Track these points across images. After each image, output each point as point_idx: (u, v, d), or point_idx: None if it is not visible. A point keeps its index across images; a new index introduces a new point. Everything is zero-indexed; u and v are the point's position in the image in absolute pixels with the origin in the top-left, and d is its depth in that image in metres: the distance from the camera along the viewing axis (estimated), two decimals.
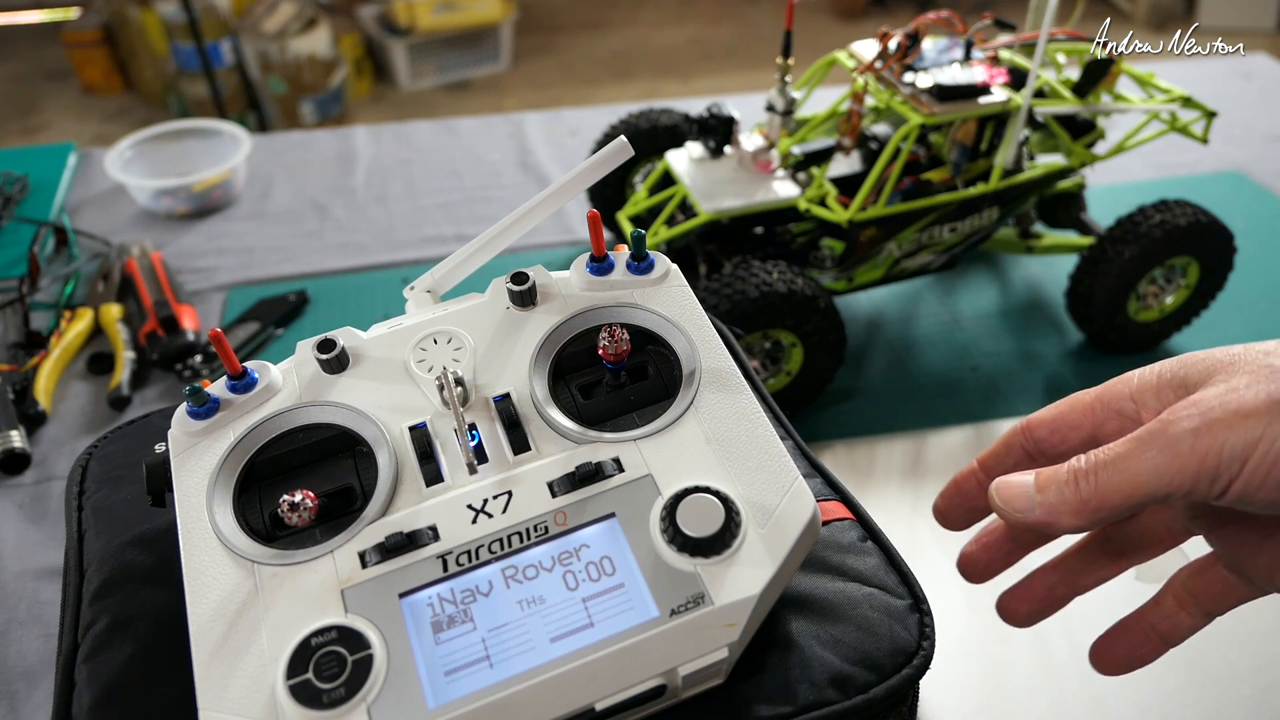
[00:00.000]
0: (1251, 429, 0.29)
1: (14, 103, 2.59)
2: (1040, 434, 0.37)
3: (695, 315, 0.39)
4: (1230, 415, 0.30)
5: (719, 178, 0.69)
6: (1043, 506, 0.32)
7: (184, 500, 0.35)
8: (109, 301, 0.77)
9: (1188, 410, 0.30)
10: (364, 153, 1.02)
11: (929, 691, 0.51)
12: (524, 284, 0.40)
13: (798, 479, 0.35)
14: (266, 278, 0.84)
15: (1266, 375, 0.30)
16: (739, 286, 0.61)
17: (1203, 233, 0.69)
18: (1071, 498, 0.32)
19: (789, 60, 0.68)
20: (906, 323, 0.79)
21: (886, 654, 0.35)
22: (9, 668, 0.53)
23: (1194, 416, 0.30)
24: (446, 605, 0.32)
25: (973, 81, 0.65)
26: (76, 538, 0.42)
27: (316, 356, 0.38)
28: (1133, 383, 0.35)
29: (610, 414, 0.38)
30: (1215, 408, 0.30)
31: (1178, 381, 0.33)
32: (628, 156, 0.39)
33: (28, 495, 0.64)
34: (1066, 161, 0.72)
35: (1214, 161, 1.00)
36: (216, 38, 2.29)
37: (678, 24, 3.12)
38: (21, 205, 0.90)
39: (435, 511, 0.34)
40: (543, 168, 0.99)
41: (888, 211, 0.66)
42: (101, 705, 0.35)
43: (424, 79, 2.73)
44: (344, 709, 0.30)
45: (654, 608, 0.32)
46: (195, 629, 0.32)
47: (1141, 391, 0.34)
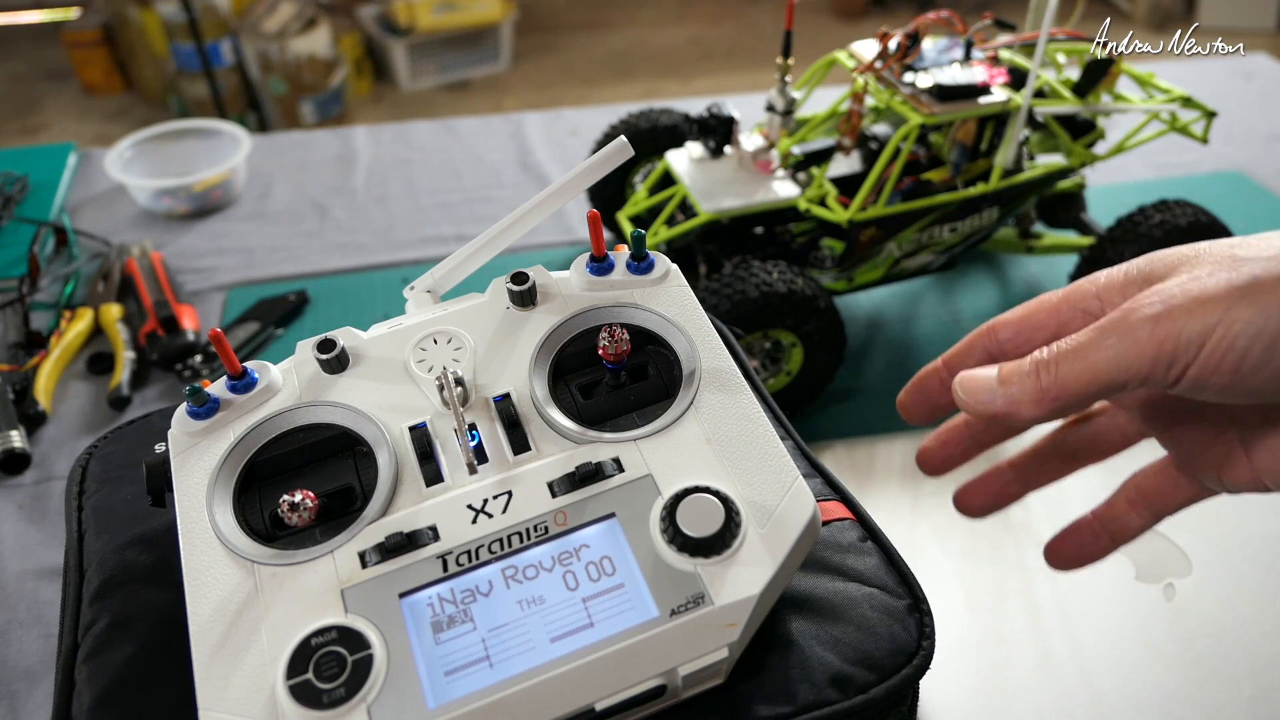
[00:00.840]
0: (1210, 314, 0.29)
1: (14, 103, 2.59)
2: (1004, 335, 0.37)
3: (695, 315, 0.39)
4: (1190, 301, 0.30)
5: (719, 178, 0.69)
6: (1004, 398, 0.32)
7: (184, 500, 0.35)
8: (109, 301, 0.77)
9: (1149, 298, 0.30)
10: (364, 153, 1.02)
11: (929, 691, 0.51)
12: (524, 284, 0.40)
13: (798, 479, 0.35)
14: (266, 278, 0.84)
15: (1229, 264, 0.30)
16: (739, 286, 0.61)
17: (1203, 233, 0.69)
18: (1032, 388, 0.32)
19: (789, 60, 0.68)
20: (906, 323, 0.79)
21: (886, 654, 0.35)
22: (9, 668, 0.53)
23: (1155, 304, 0.30)
24: (446, 605, 0.32)
25: (973, 81, 0.65)
26: (76, 538, 0.42)
27: (316, 356, 0.38)
28: (1099, 281, 0.35)
29: (610, 414, 0.38)
30: (1176, 295, 0.30)
31: (1143, 277, 0.33)
32: (628, 156, 0.39)
33: (28, 495, 0.64)
34: (1066, 161, 0.72)
35: (1214, 161, 1.00)
36: (216, 38, 2.29)
37: (678, 24, 3.12)
38: (21, 205, 0.90)
39: (435, 511, 0.34)
40: (543, 168, 0.99)
41: (888, 211, 0.66)
42: (101, 705, 0.35)
43: (424, 79, 2.73)
44: (344, 709, 0.30)
45: (654, 608, 0.32)
46: (195, 629, 0.32)
47: (1108, 289, 0.34)
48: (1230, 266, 0.30)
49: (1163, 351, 0.29)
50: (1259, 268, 0.29)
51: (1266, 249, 0.30)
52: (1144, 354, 0.30)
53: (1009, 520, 0.61)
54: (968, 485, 0.40)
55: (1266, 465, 0.33)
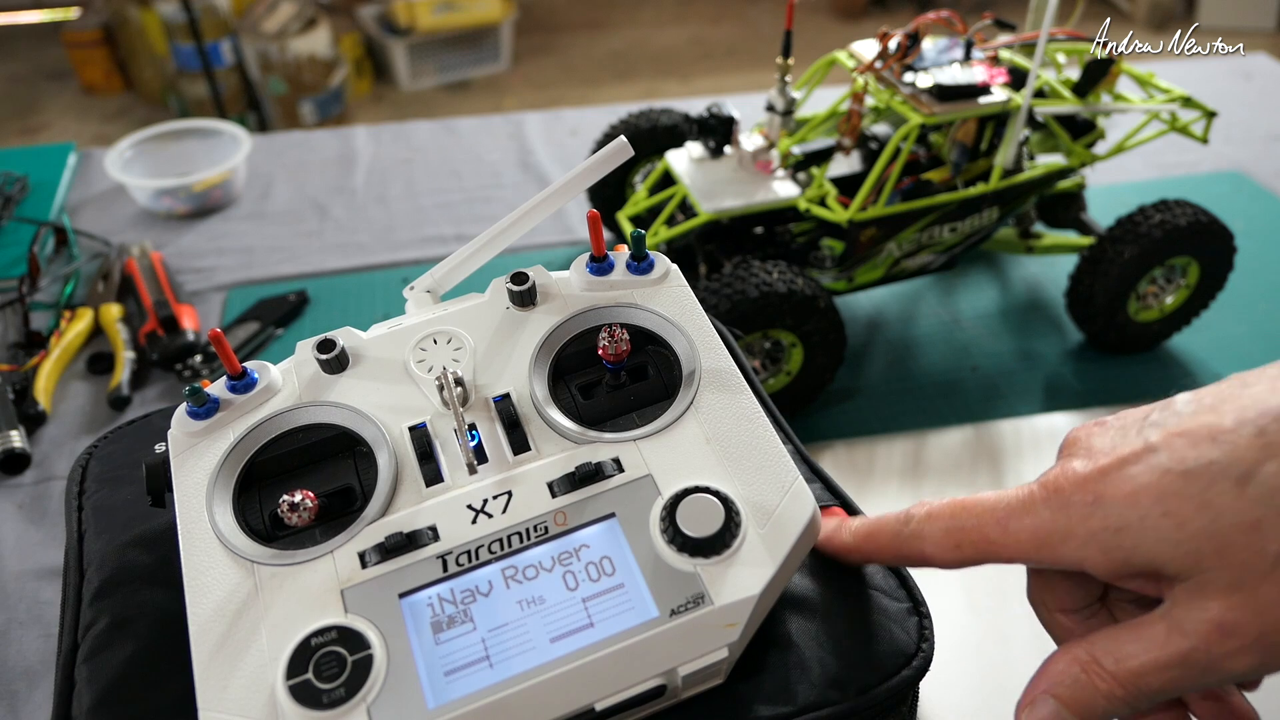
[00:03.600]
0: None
1: (14, 103, 2.59)
2: None
3: (695, 315, 0.39)
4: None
5: (719, 178, 0.69)
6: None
7: (184, 500, 0.35)
8: (109, 301, 0.77)
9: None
10: (364, 153, 1.02)
11: (929, 691, 0.51)
12: (524, 284, 0.40)
13: (797, 479, 0.35)
14: (266, 278, 0.84)
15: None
16: (739, 286, 0.61)
17: (1203, 233, 0.69)
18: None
19: (789, 60, 0.68)
20: (906, 323, 0.79)
21: (886, 656, 0.35)
22: (9, 668, 0.53)
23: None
24: (446, 605, 0.32)
25: (973, 81, 0.65)
26: (76, 538, 0.42)
27: (316, 356, 0.38)
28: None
29: (610, 414, 0.38)
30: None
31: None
32: (628, 156, 0.39)
33: (28, 495, 0.64)
34: (1066, 161, 0.72)
35: (1214, 161, 1.00)
36: (216, 38, 2.29)
37: (678, 24, 3.12)
38: (21, 205, 0.90)
39: (435, 512, 0.34)
40: (543, 168, 0.99)
41: (888, 211, 0.66)
42: (101, 705, 0.35)
43: (424, 79, 2.73)
44: (344, 709, 0.30)
45: (654, 608, 0.32)
46: (195, 629, 0.32)
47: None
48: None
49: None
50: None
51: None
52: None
53: None
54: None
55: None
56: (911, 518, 0.34)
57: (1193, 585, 0.28)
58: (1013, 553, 0.31)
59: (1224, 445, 0.28)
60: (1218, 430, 0.28)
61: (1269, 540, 0.27)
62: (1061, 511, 0.30)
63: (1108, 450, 0.30)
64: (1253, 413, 0.28)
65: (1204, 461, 0.28)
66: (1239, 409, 0.28)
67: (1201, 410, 0.29)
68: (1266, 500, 0.27)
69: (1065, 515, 0.30)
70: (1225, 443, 0.28)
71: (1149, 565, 0.29)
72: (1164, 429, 0.29)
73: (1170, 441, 0.29)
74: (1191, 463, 0.28)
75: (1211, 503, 0.27)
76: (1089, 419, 0.68)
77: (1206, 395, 0.29)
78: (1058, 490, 0.30)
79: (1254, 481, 0.27)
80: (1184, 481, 0.28)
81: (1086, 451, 0.31)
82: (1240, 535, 0.27)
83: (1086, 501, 0.29)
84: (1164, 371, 0.74)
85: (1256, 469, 0.27)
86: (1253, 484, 0.27)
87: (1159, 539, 0.28)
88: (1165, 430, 0.29)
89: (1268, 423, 0.27)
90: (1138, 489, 0.28)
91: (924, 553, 0.33)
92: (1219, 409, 0.28)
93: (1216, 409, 0.29)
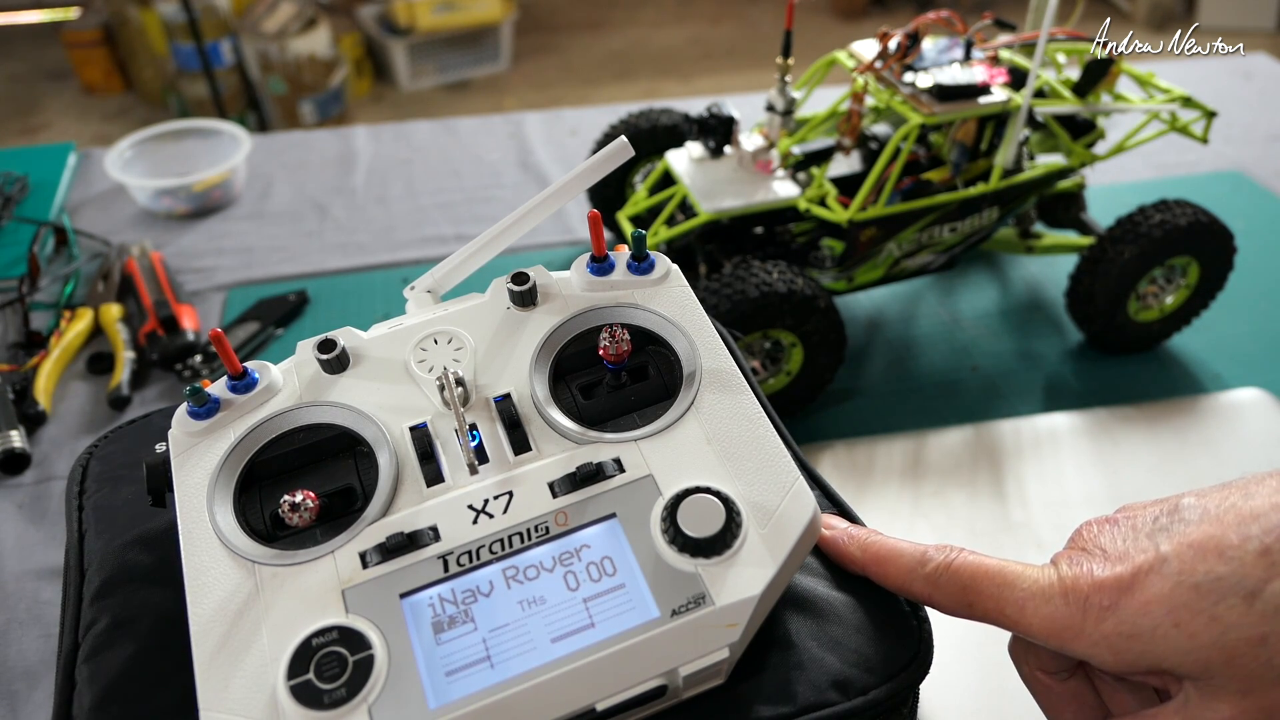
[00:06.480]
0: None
1: (14, 103, 2.59)
2: None
3: (696, 315, 0.39)
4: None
5: (719, 178, 0.69)
6: None
7: (184, 500, 0.35)
8: (109, 301, 0.77)
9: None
10: (364, 153, 1.02)
11: (929, 692, 0.51)
12: (524, 284, 0.40)
13: (798, 479, 0.35)
14: (266, 278, 0.84)
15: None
16: (739, 286, 0.61)
17: (1203, 233, 0.69)
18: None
19: (789, 60, 0.68)
20: (906, 323, 0.79)
21: (886, 657, 0.35)
22: (9, 668, 0.53)
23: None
24: (447, 605, 0.32)
25: (973, 81, 0.65)
26: (77, 538, 0.42)
27: (317, 356, 0.38)
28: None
29: (611, 414, 0.38)
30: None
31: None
32: (628, 156, 0.39)
33: (28, 495, 0.64)
34: (1066, 161, 0.72)
35: (1214, 161, 1.00)
36: (216, 38, 2.29)
37: (678, 24, 3.12)
38: (21, 205, 0.90)
39: (436, 512, 0.34)
40: (543, 168, 0.99)
41: (888, 211, 0.66)
42: (102, 705, 0.35)
43: (424, 79, 2.73)
44: (345, 709, 0.30)
45: (655, 608, 0.32)
46: (196, 629, 0.32)
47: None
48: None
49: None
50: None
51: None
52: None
53: (1009, 520, 0.61)
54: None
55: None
56: (929, 561, 0.35)
57: (1204, 687, 0.30)
58: (1024, 631, 0.33)
59: (1231, 562, 0.30)
60: (1224, 545, 0.30)
61: (1275, 653, 0.29)
62: (1078, 610, 0.32)
63: (1120, 554, 0.32)
64: (1256, 529, 0.30)
65: (1213, 577, 0.30)
66: (1241, 522, 0.30)
67: (1207, 519, 0.31)
68: (1273, 617, 0.29)
69: (1081, 615, 0.31)
70: (1232, 559, 0.30)
71: (1156, 667, 0.31)
72: (1173, 538, 0.31)
73: (1180, 552, 0.31)
74: (1200, 577, 0.30)
75: (1220, 617, 0.29)
76: (1089, 419, 0.69)
77: (1211, 503, 0.32)
78: (1075, 588, 0.32)
79: (1261, 599, 0.29)
80: (1194, 595, 0.30)
81: (1101, 553, 0.33)
82: (1248, 648, 0.29)
83: (1103, 605, 0.31)
84: (1164, 371, 0.74)
85: (1263, 587, 0.29)
86: (1259, 601, 0.29)
87: (1170, 648, 0.30)
88: (1175, 540, 0.31)
89: (1272, 541, 0.29)
90: (1150, 599, 0.30)
91: (933, 599, 0.35)
92: (1223, 520, 0.31)
93: (1221, 520, 0.31)
